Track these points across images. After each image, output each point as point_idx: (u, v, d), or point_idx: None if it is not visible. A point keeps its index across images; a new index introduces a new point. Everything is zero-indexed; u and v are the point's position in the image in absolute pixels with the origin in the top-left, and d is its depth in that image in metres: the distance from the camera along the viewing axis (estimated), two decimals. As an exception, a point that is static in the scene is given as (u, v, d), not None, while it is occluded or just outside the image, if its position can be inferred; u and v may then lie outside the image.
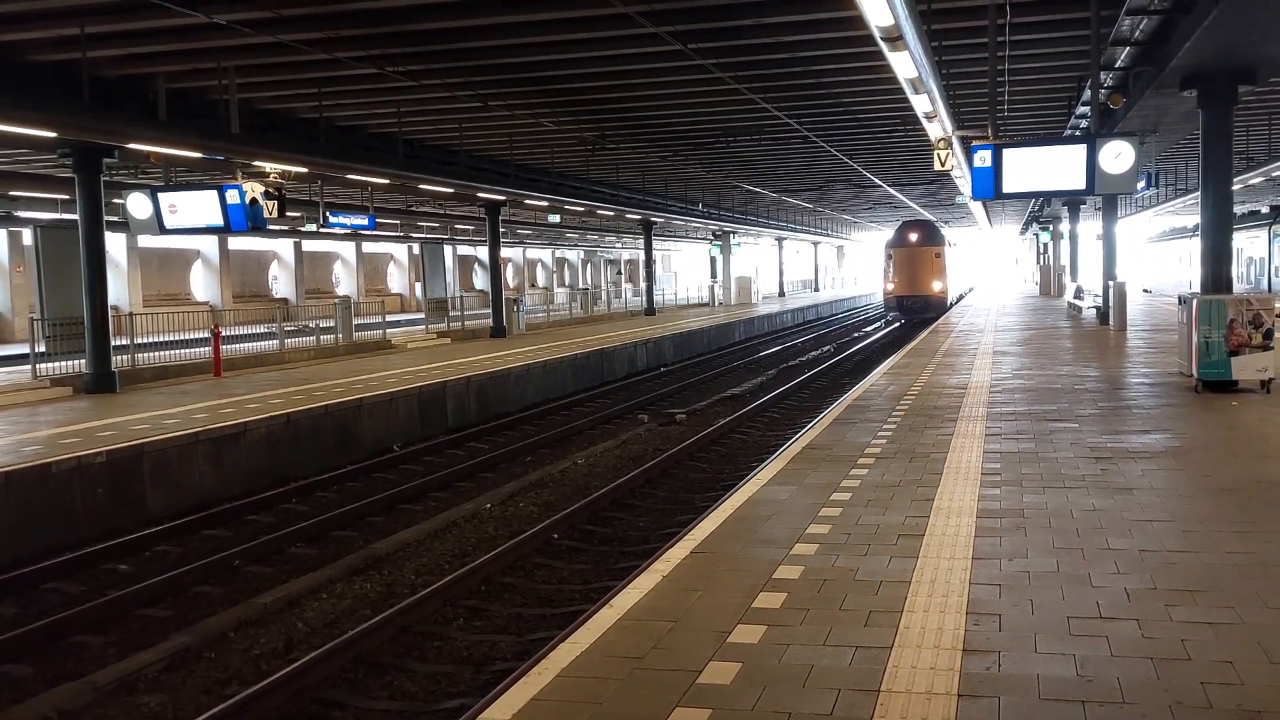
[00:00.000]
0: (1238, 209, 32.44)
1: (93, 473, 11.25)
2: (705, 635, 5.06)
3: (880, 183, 34.94)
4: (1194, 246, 32.93)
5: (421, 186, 23.35)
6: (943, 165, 16.27)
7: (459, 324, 31.65)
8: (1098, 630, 4.92)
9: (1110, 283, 25.19)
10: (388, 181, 21.84)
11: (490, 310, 30.93)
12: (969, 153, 12.12)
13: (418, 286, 51.40)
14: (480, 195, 26.42)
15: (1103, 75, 13.83)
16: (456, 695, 6.93)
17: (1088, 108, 14.51)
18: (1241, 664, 4.47)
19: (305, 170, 18.31)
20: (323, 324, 26.32)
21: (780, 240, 63.16)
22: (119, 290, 34.14)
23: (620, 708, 4.29)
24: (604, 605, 5.61)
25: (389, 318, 32.31)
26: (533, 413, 19.37)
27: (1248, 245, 32.12)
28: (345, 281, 52.87)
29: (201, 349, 21.19)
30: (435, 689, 7.09)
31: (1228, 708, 4.06)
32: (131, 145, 15.29)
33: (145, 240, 36.23)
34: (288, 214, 18.68)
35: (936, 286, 40.53)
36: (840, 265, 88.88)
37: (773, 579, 5.89)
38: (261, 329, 26.08)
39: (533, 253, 72.45)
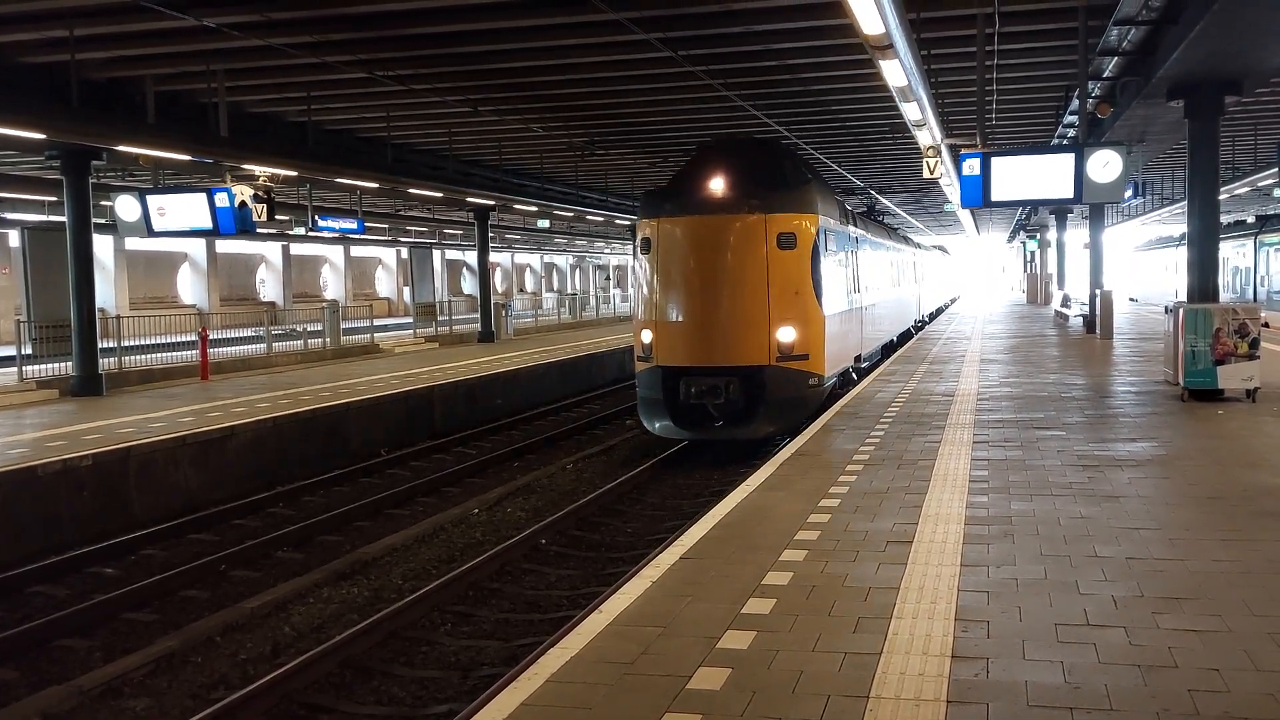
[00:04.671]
0: (1224, 218, 32.66)
1: (78, 476, 11.19)
2: (695, 641, 5.06)
3: (870, 190, 35.06)
4: (1180, 255, 33.13)
5: (410, 190, 23.32)
6: (932, 173, 16.33)
7: (447, 328, 31.60)
8: (1085, 637, 4.94)
9: (1097, 291, 25.31)
10: (376, 185, 21.78)
11: (479, 315, 30.87)
12: (958, 161, 12.17)
13: (406, 291, 51.30)
14: (469, 199, 26.38)
15: (1090, 85, 13.90)
16: (444, 700, 6.92)
17: (1075, 117, 14.57)
18: (1228, 671, 4.49)
19: (294, 173, 18.26)
20: (310, 328, 26.25)
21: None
22: (106, 293, 33.97)
23: (610, 713, 4.29)
24: (594, 610, 5.62)
25: (377, 322, 32.23)
26: (521, 418, 19.35)
27: (1234, 255, 32.32)
28: (333, 285, 52.72)
29: (188, 352, 21.12)
30: (423, 694, 7.08)
31: (1214, 715, 4.08)
32: (120, 148, 15.23)
33: (132, 243, 36.03)
34: (276, 217, 18.62)
35: (784, 337, 13.82)
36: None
37: (762, 585, 5.90)
38: (249, 332, 26.00)
39: (521, 258, 72.39)
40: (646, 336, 14.38)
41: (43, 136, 14.18)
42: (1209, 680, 4.41)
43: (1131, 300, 49.43)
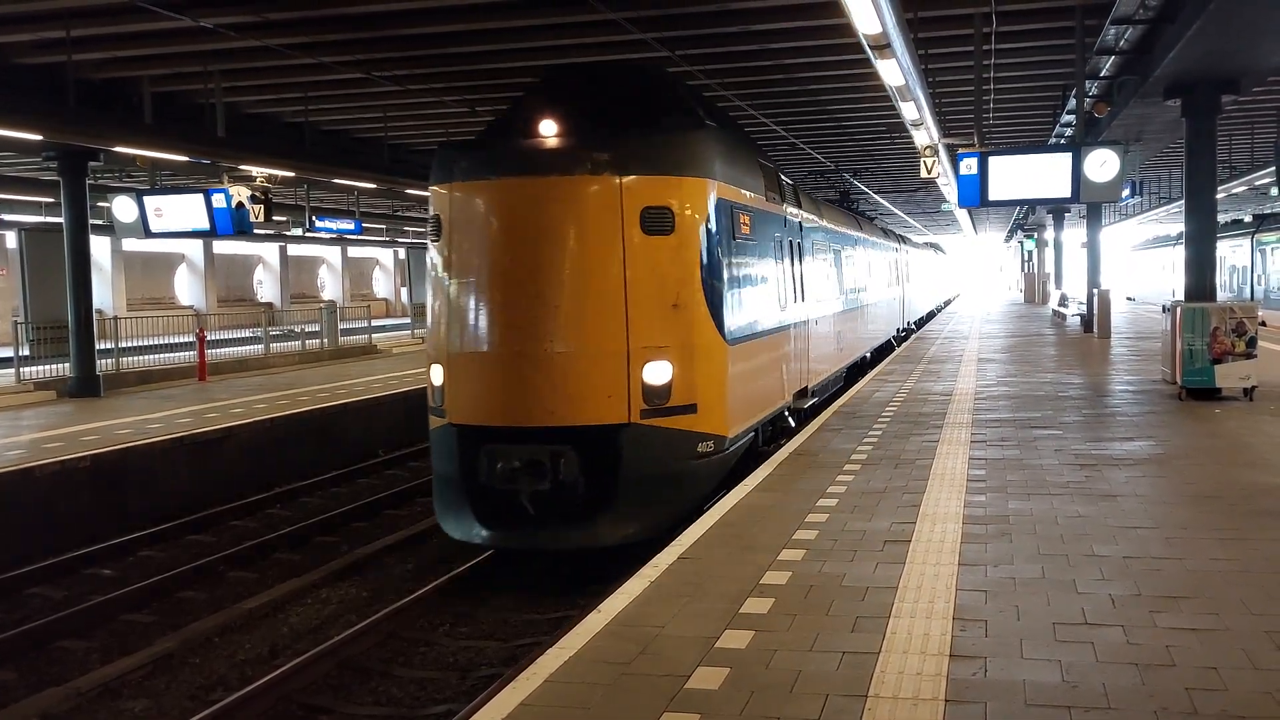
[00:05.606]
0: (1221, 217, 32.70)
1: (76, 477, 11.18)
2: (693, 641, 5.06)
3: (866, 189, 35.05)
4: (1178, 254, 33.15)
5: (408, 190, 23.32)
6: (929, 173, 16.35)
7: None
8: (1083, 636, 4.94)
9: (1094, 290, 25.34)
10: (373, 185, 21.79)
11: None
12: (955, 160, 12.19)
13: (404, 291, 51.29)
14: (467, 200, 26.35)
15: (1088, 84, 13.91)
16: (443, 700, 6.91)
17: (1073, 116, 14.59)
18: (1226, 670, 4.50)
19: (291, 174, 18.26)
20: (308, 329, 26.25)
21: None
22: (103, 294, 33.92)
23: (609, 713, 4.29)
24: (593, 611, 5.61)
25: (375, 322, 32.20)
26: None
27: (1231, 253, 32.35)
28: (330, 286, 52.71)
29: (186, 353, 21.10)
30: (421, 694, 7.08)
31: (1212, 713, 4.09)
32: (117, 148, 15.23)
33: (130, 244, 36.01)
34: (273, 218, 18.62)
35: (654, 377, 8.45)
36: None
37: (760, 585, 5.90)
38: (246, 333, 25.98)
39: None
40: (437, 376, 8.90)
41: (40, 137, 14.18)
42: (1207, 679, 4.41)
43: (1129, 299, 49.45)
